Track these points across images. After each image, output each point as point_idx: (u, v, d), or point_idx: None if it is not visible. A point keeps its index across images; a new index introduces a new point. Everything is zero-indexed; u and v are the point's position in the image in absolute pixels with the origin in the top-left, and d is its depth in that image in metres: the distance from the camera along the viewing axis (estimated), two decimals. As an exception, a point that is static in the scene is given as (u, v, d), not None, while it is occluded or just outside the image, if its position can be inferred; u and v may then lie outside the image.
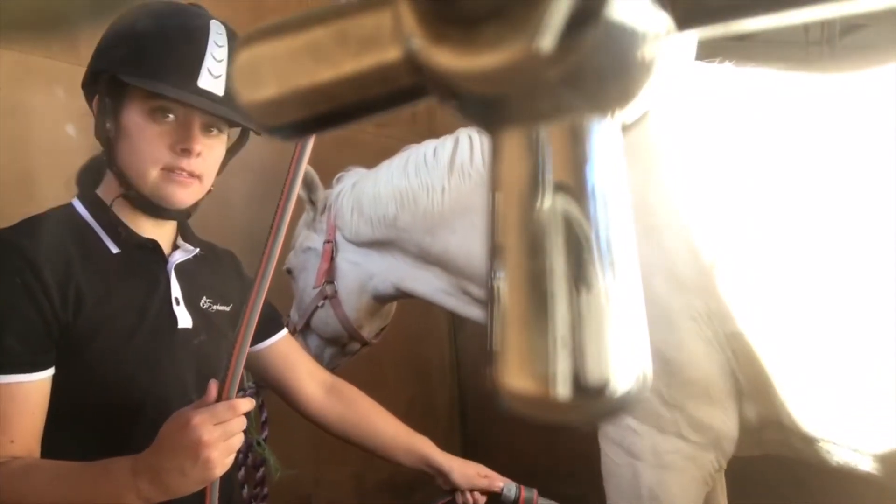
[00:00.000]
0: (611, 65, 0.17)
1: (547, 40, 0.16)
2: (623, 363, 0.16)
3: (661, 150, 1.19)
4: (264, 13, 1.81)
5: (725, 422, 1.19)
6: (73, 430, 0.93)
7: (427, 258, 1.51)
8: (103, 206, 1.01)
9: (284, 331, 1.25)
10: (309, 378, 1.24)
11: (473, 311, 1.52)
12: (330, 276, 1.63)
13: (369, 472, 2.14)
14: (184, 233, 1.09)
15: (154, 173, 0.95)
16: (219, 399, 0.80)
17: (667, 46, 0.17)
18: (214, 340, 1.06)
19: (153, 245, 1.02)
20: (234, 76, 0.23)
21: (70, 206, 1.04)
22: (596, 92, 0.17)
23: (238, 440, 0.82)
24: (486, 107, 0.18)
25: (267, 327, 1.20)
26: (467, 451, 2.43)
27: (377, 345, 1.77)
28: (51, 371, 0.91)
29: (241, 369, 0.77)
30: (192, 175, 0.96)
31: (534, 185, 0.17)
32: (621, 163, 0.18)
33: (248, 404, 0.82)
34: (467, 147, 1.46)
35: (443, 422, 2.47)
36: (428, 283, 1.54)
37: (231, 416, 0.79)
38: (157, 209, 0.99)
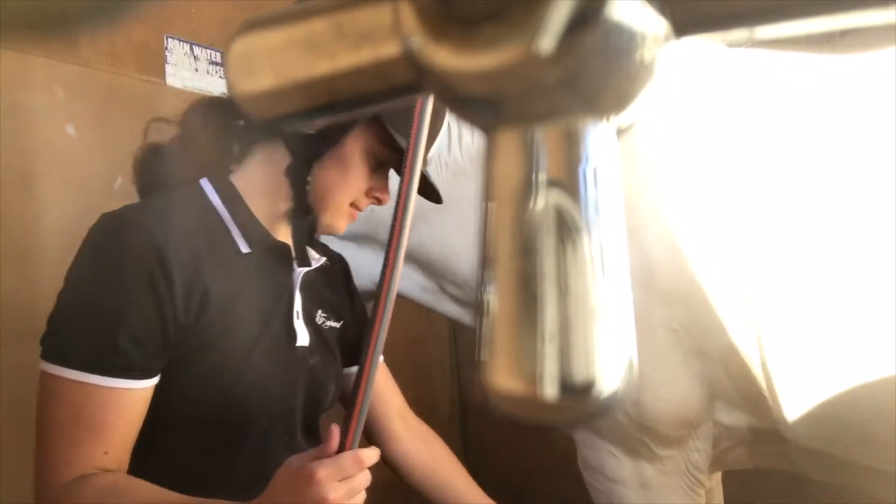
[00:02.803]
0: (608, 69, 0.17)
1: (546, 42, 0.16)
2: (610, 364, 0.16)
3: (645, 149, 1.16)
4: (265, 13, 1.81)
5: (699, 438, 1.18)
6: (165, 446, 0.84)
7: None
8: (239, 198, 0.90)
9: (381, 358, 1.18)
10: (399, 417, 1.13)
11: (451, 309, 1.47)
12: None
13: (369, 471, 2.14)
14: (311, 239, 1.00)
15: (343, 207, 0.91)
16: (341, 449, 0.71)
17: (664, 52, 0.18)
18: (325, 361, 0.98)
19: (285, 250, 0.93)
20: (229, 66, 0.23)
21: (199, 189, 0.91)
22: (592, 95, 0.17)
23: (362, 498, 0.74)
24: (483, 106, 0.18)
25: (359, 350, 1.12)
26: (468, 451, 2.43)
27: (377, 345, 1.77)
28: (157, 379, 0.80)
29: (364, 416, 0.71)
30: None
31: (527, 186, 0.17)
32: (615, 167, 0.18)
33: (374, 456, 0.74)
34: (444, 136, 1.41)
35: (443, 422, 2.47)
36: (406, 280, 1.48)
37: (357, 470, 0.71)
38: (306, 227, 0.92)
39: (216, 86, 1.83)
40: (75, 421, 0.76)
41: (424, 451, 1.13)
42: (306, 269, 0.94)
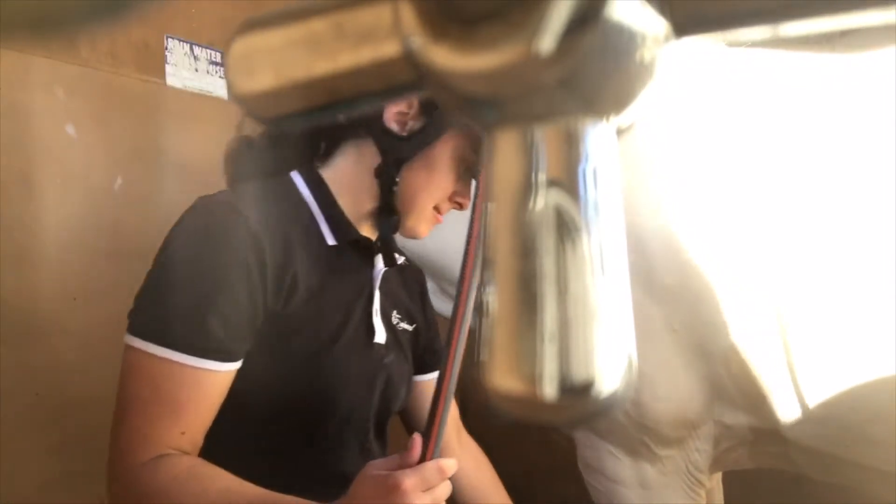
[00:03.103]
0: (608, 69, 0.17)
1: (546, 42, 0.16)
2: (609, 364, 0.16)
3: (645, 149, 1.16)
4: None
5: (699, 438, 1.18)
6: (237, 435, 0.83)
7: (401, 251, 1.47)
8: (328, 192, 0.91)
9: None
10: (455, 429, 1.12)
11: (450, 309, 1.47)
12: None
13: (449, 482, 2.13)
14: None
15: (427, 210, 0.91)
16: (422, 458, 0.70)
17: (664, 53, 0.18)
18: (399, 362, 0.97)
19: (368, 245, 0.94)
20: (229, 65, 0.23)
21: (290, 181, 0.92)
22: (592, 95, 0.17)
23: None
24: (482, 106, 0.18)
25: (432, 359, 1.09)
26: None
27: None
28: (239, 364, 0.80)
29: (445, 425, 0.70)
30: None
31: (526, 186, 0.17)
32: (615, 167, 0.18)
33: (454, 466, 0.72)
34: None
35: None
36: None
37: (439, 480, 0.70)
38: (390, 227, 0.92)
39: (216, 86, 1.83)
40: (157, 397, 0.76)
41: (473, 469, 1.11)
42: (387, 267, 0.95)
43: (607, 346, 0.17)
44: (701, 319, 1.11)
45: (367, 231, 0.95)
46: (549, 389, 0.16)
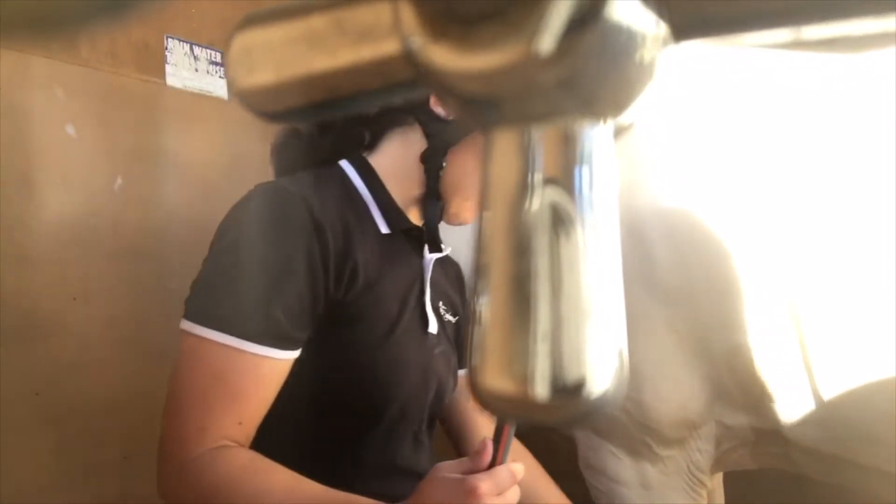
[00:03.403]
0: (607, 70, 0.17)
1: (546, 42, 0.16)
2: (601, 365, 0.16)
3: (645, 149, 1.15)
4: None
5: (701, 438, 1.18)
6: (291, 426, 0.81)
7: None
8: (379, 180, 0.91)
9: None
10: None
11: None
12: None
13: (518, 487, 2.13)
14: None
15: (473, 197, 0.91)
16: (493, 462, 0.70)
17: (663, 56, 0.17)
18: (447, 353, 0.96)
19: (419, 234, 0.93)
20: (230, 60, 0.23)
21: (340, 169, 0.91)
22: (590, 96, 0.17)
23: None
24: (481, 106, 0.18)
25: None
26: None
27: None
28: (298, 352, 0.78)
29: (514, 428, 0.70)
30: None
31: (523, 185, 0.17)
32: (611, 168, 0.18)
33: (522, 470, 0.72)
34: None
35: (442, 422, 2.47)
36: None
37: (510, 484, 0.70)
38: (437, 213, 0.92)
39: (216, 86, 1.83)
40: (214, 385, 0.73)
41: (531, 469, 1.09)
42: (437, 255, 0.94)
43: (600, 346, 0.17)
44: (703, 320, 1.11)
45: (414, 218, 0.94)
46: (541, 389, 0.16)
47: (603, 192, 0.17)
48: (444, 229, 1.25)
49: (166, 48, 1.74)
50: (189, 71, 1.78)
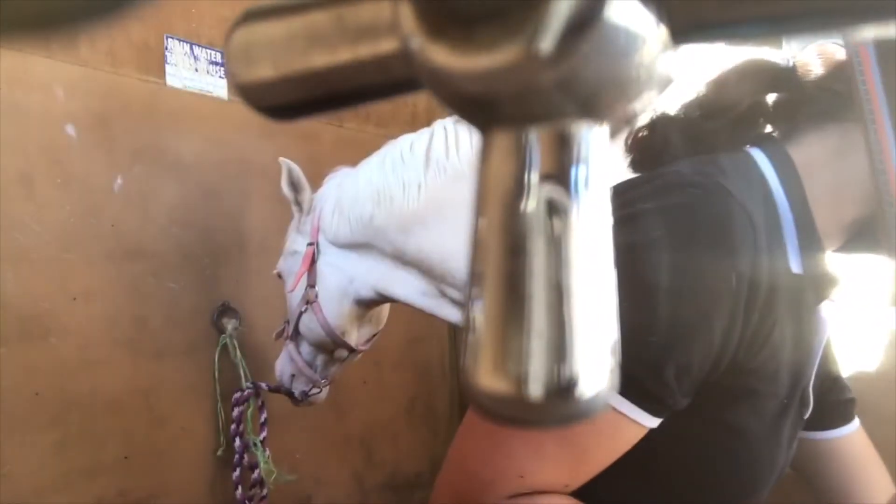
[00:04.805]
0: (606, 71, 0.17)
1: (545, 43, 0.16)
2: (595, 366, 0.16)
3: None
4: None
5: None
6: (620, 497, 0.61)
7: (403, 258, 1.45)
8: (799, 182, 0.63)
9: (856, 423, 0.85)
10: (878, 490, 0.84)
11: (452, 313, 1.45)
12: (312, 279, 1.56)
13: (369, 472, 2.14)
14: None
15: None
16: None
17: (662, 60, 0.18)
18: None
19: (829, 284, 0.64)
20: (229, 55, 0.23)
21: (750, 159, 0.64)
22: (589, 98, 0.17)
23: None
24: (479, 106, 0.18)
25: (835, 411, 0.84)
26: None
27: (378, 346, 1.77)
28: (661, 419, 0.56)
29: None
30: None
31: (519, 186, 0.17)
32: (608, 170, 0.18)
33: None
34: (442, 140, 1.39)
35: (443, 422, 2.47)
36: (406, 285, 1.48)
37: None
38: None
39: (216, 86, 1.83)
40: (558, 439, 0.55)
41: None
42: (830, 314, 0.67)
43: (594, 346, 0.17)
44: None
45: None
46: (535, 389, 0.16)
47: (598, 192, 0.18)
48: (447, 237, 1.24)
49: (166, 48, 1.74)
50: (189, 71, 1.78)
